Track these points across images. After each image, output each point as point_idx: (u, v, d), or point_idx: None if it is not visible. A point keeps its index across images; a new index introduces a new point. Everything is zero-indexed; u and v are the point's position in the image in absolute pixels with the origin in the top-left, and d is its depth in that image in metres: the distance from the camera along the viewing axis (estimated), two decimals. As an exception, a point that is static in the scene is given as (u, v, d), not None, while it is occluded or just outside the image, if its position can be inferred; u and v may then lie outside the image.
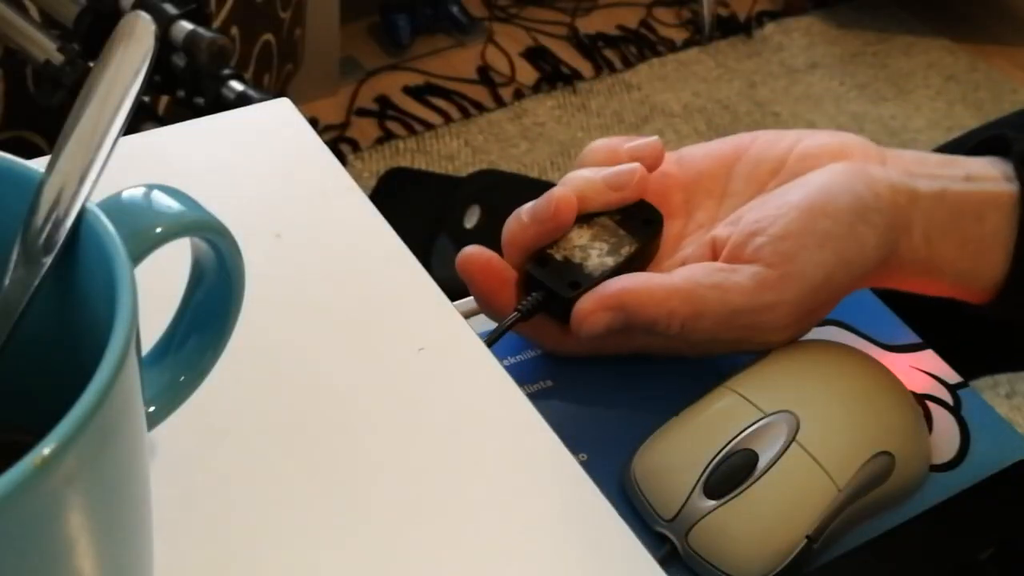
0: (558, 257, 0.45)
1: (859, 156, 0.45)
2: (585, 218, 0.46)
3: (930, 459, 0.45)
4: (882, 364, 0.46)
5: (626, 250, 0.46)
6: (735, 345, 0.45)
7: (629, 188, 0.46)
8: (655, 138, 0.48)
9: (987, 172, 0.45)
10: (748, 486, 0.40)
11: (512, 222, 0.46)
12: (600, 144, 0.48)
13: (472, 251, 0.45)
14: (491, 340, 0.44)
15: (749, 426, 0.42)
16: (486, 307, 0.46)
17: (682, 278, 0.43)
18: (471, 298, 0.50)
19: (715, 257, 0.45)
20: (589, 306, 0.43)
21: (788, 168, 0.46)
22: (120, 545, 0.26)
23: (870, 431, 0.43)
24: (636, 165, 0.47)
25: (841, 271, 0.42)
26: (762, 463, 0.41)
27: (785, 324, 0.43)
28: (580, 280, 0.44)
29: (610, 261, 0.45)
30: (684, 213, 0.48)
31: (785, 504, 0.40)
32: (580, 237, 0.46)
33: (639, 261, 0.46)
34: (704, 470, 0.41)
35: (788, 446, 0.41)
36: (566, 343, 0.46)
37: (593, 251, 0.46)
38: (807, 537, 0.40)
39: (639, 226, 0.46)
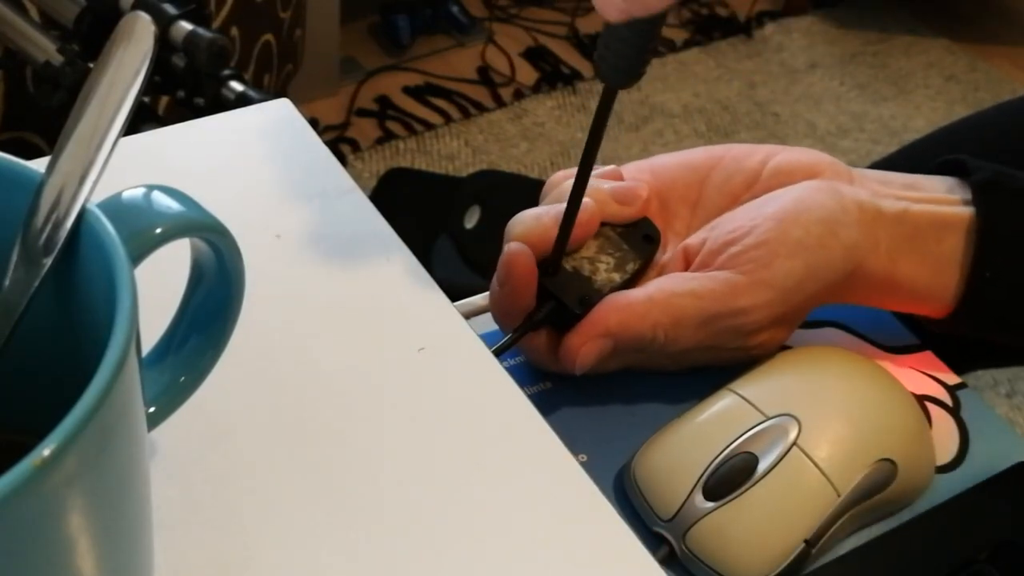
0: (568, 267, 0.45)
1: (830, 174, 0.47)
2: None
3: (934, 468, 0.45)
4: (888, 371, 0.46)
5: (631, 267, 0.46)
6: (714, 354, 0.46)
7: (635, 206, 0.47)
8: (639, 185, 0.48)
9: (946, 196, 0.47)
10: (747, 489, 0.40)
11: (531, 221, 0.45)
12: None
13: (524, 252, 0.44)
14: (506, 346, 0.44)
15: (750, 429, 0.42)
16: (506, 306, 0.45)
17: (656, 289, 0.44)
18: (471, 298, 0.50)
19: (687, 265, 0.46)
20: (578, 340, 0.44)
21: (762, 182, 0.48)
22: (120, 545, 0.26)
23: (873, 438, 0.42)
24: (643, 184, 0.48)
25: (810, 280, 0.44)
26: (762, 466, 0.41)
27: (759, 328, 0.45)
28: (590, 295, 0.45)
29: (616, 277, 0.46)
30: (660, 220, 0.49)
31: (784, 508, 0.40)
32: (587, 248, 0.46)
33: (639, 278, 0.47)
34: (704, 472, 0.41)
35: (789, 450, 0.41)
36: (559, 359, 0.46)
37: (600, 264, 0.46)
38: (805, 541, 0.40)
39: (639, 242, 0.47)
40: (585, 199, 0.45)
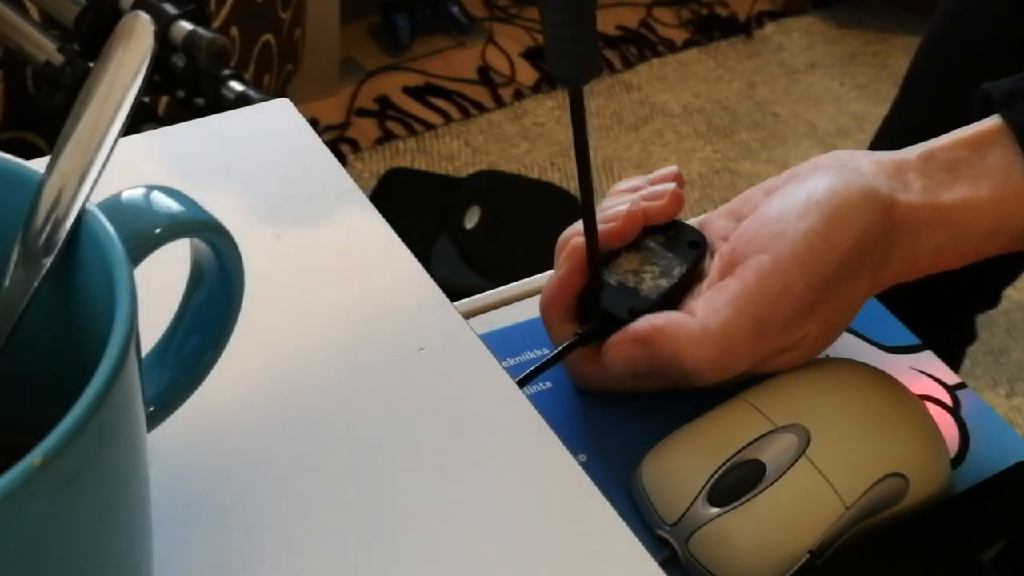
0: (612, 282, 0.45)
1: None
2: (632, 244, 0.47)
3: (949, 486, 0.44)
4: (905, 387, 0.45)
5: (677, 271, 0.46)
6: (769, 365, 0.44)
7: (663, 199, 0.47)
8: (672, 172, 0.48)
9: (971, 127, 0.44)
10: (753, 496, 0.40)
11: (572, 233, 0.45)
12: (619, 186, 0.49)
13: (577, 233, 0.45)
14: (552, 360, 0.44)
15: (759, 437, 0.42)
16: (556, 291, 0.45)
17: (697, 311, 0.42)
18: (471, 298, 0.50)
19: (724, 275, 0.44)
20: (614, 340, 0.43)
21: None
22: (120, 545, 0.26)
23: (884, 452, 0.42)
24: (672, 170, 0.47)
25: (836, 231, 0.41)
26: (769, 474, 0.41)
27: (807, 307, 0.42)
28: (637, 304, 0.44)
29: (664, 283, 0.45)
30: None
31: (789, 517, 0.40)
32: (630, 262, 0.46)
33: (688, 282, 0.46)
34: (710, 477, 0.41)
35: (797, 459, 0.41)
36: (599, 376, 0.46)
37: (646, 274, 0.46)
38: (810, 552, 0.40)
39: (684, 248, 0.47)
40: (616, 201, 0.45)
